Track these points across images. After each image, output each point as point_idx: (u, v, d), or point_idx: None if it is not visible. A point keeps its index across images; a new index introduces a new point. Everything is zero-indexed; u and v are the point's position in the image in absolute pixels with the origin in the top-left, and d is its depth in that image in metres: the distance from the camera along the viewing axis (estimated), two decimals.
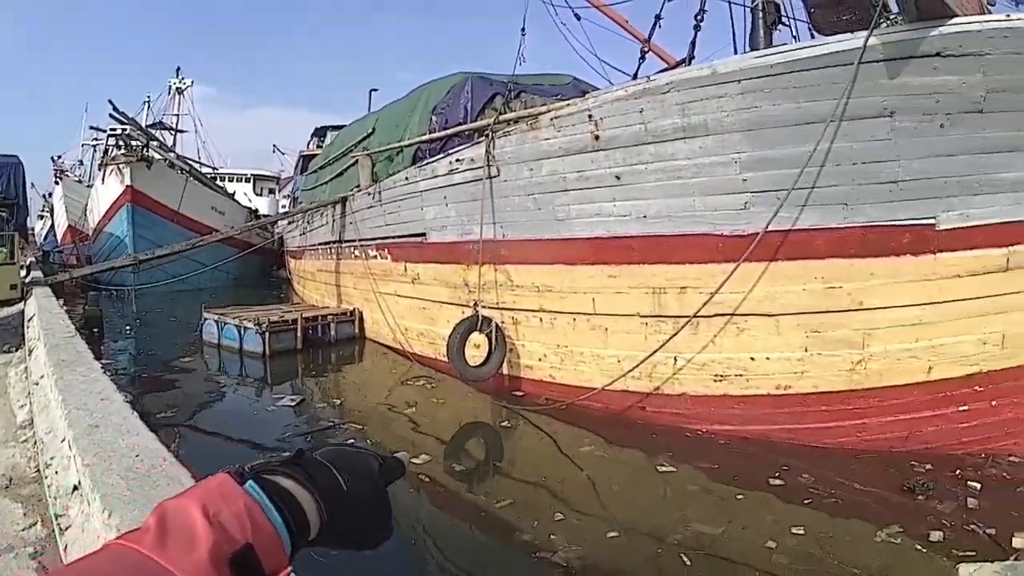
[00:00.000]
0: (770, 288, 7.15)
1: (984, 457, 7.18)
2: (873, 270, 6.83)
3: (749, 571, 5.06)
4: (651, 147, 7.40)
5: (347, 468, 0.93)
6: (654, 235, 7.64)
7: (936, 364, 6.96)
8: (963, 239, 6.62)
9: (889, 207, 6.68)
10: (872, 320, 6.96)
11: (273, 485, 0.83)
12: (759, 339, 7.37)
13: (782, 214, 6.78)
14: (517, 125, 8.76)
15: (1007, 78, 6.09)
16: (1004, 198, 6.54)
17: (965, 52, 6.02)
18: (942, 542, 5.36)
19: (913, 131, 6.38)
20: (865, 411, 7.22)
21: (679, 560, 5.13)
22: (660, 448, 7.35)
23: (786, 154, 6.73)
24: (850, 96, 6.28)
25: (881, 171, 6.59)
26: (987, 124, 6.27)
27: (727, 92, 6.79)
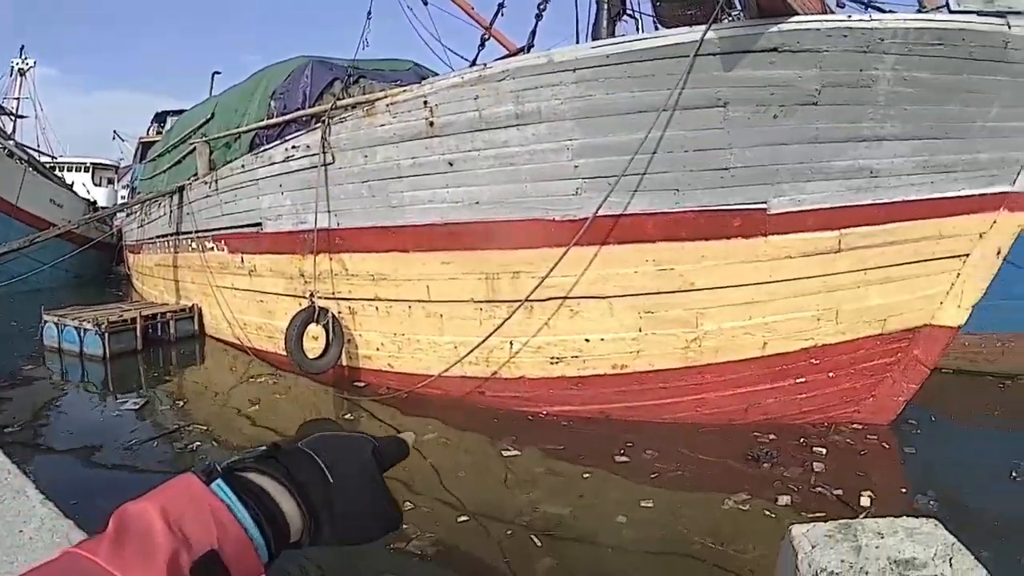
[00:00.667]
0: (602, 271, 7.27)
1: (827, 425, 7.62)
2: (704, 252, 7.03)
3: (600, 548, 5.15)
4: (485, 134, 7.39)
5: (333, 457, 0.86)
6: (487, 221, 7.64)
7: (771, 339, 7.32)
8: (794, 223, 6.92)
9: (720, 192, 6.88)
10: (705, 300, 7.21)
11: (244, 483, 0.77)
12: (593, 321, 7.51)
13: (613, 199, 6.86)
14: (354, 111, 8.57)
15: (843, 74, 6.40)
16: (836, 184, 6.87)
17: (803, 48, 6.25)
18: (791, 506, 5.58)
19: (746, 121, 6.59)
20: (703, 386, 7.52)
21: (531, 542, 5.13)
22: (503, 432, 7.41)
23: (618, 141, 6.81)
24: (684, 87, 6.40)
25: (713, 158, 6.78)
26: (821, 116, 6.57)
27: (562, 80, 6.81)
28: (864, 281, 7.20)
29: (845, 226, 6.98)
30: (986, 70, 6.64)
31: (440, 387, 8.31)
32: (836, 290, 7.21)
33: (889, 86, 6.49)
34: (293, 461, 0.82)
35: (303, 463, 0.82)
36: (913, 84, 6.53)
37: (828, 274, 7.12)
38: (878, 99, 6.53)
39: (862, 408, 7.79)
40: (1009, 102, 6.89)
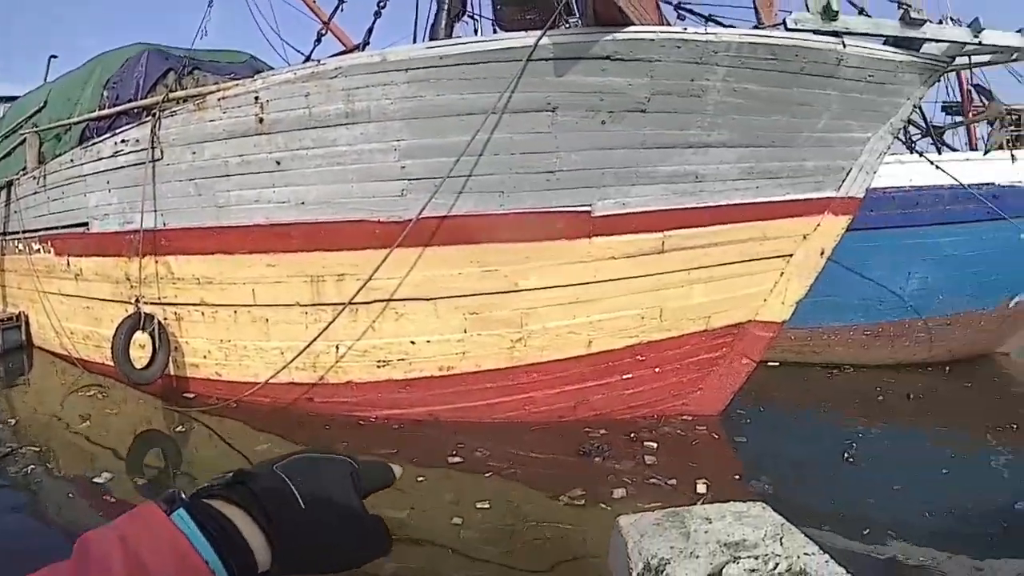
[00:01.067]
0: (427, 272, 7.22)
1: (656, 419, 7.89)
2: (528, 253, 7.12)
3: (439, 550, 5.20)
4: (314, 132, 7.26)
5: (307, 480, 0.82)
6: (313, 222, 7.51)
7: (596, 338, 7.49)
8: (619, 225, 7.09)
9: (546, 195, 6.97)
10: (530, 300, 7.30)
11: (207, 512, 0.73)
12: (419, 323, 7.50)
13: (438, 200, 6.84)
14: (185, 104, 8.23)
15: (673, 83, 6.55)
16: (661, 188, 7.08)
17: (636, 57, 6.37)
18: (626, 498, 5.71)
19: (574, 125, 6.67)
20: (530, 385, 7.63)
21: None
22: (335, 439, 7.38)
23: (446, 143, 6.80)
24: (515, 90, 6.42)
25: (539, 161, 6.84)
26: (648, 122, 6.72)
27: (394, 80, 6.76)
28: (688, 280, 7.43)
29: (669, 228, 7.17)
30: (817, 84, 6.96)
31: (268, 395, 8.04)
32: (660, 289, 7.39)
33: (719, 96, 6.71)
34: (262, 486, 0.79)
35: (273, 488, 0.79)
36: (743, 95, 6.77)
37: (652, 274, 7.30)
38: (707, 108, 6.74)
39: (690, 401, 8.08)
40: (837, 114, 7.27)
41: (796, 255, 7.85)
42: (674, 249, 7.27)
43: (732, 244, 7.47)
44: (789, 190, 7.56)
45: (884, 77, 7.33)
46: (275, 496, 0.78)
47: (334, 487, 0.84)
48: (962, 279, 13.89)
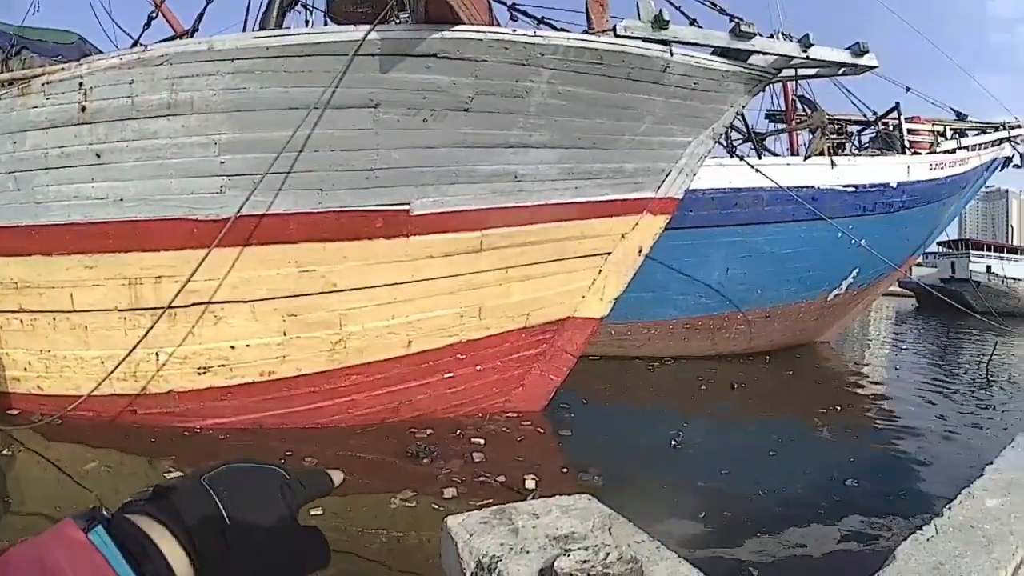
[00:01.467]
0: (245, 274, 7.01)
1: (481, 416, 7.97)
2: (346, 253, 7.05)
3: None
4: (135, 123, 6.86)
5: (234, 492, 0.78)
6: (130, 220, 7.07)
7: (416, 337, 7.50)
8: (437, 223, 7.16)
9: (364, 193, 6.94)
10: (348, 301, 7.22)
11: (127, 530, 0.70)
12: (238, 326, 7.26)
13: (257, 198, 6.65)
14: (9, 88, 7.57)
15: (497, 83, 6.67)
16: (479, 188, 7.19)
17: (462, 56, 6.44)
18: (457, 497, 5.70)
19: (396, 123, 6.67)
20: (352, 388, 7.54)
21: None
22: (162, 453, 6.89)
23: (266, 138, 6.63)
24: (339, 86, 6.35)
25: (359, 159, 6.80)
26: (470, 122, 6.81)
27: (219, 70, 6.53)
28: (507, 279, 7.54)
29: (487, 227, 7.29)
30: (642, 90, 7.19)
31: (92, 408, 7.41)
32: (479, 288, 7.50)
33: (543, 98, 6.83)
34: (185, 500, 0.75)
35: (197, 501, 0.75)
36: (567, 97, 6.92)
37: (470, 272, 7.39)
38: (529, 109, 6.86)
39: (513, 398, 8.19)
40: (660, 119, 7.54)
41: (614, 253, 8.05)
42: (492, 248, 7.38)
43: (550, 243, 7.60)
44: (608, 190, 7.75)
45: (709, 85, 7.61)
46: (198, 511, 0.74)
47: (263, 499, 0.81)
48: (781, 275, 14.73)
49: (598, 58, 6.79)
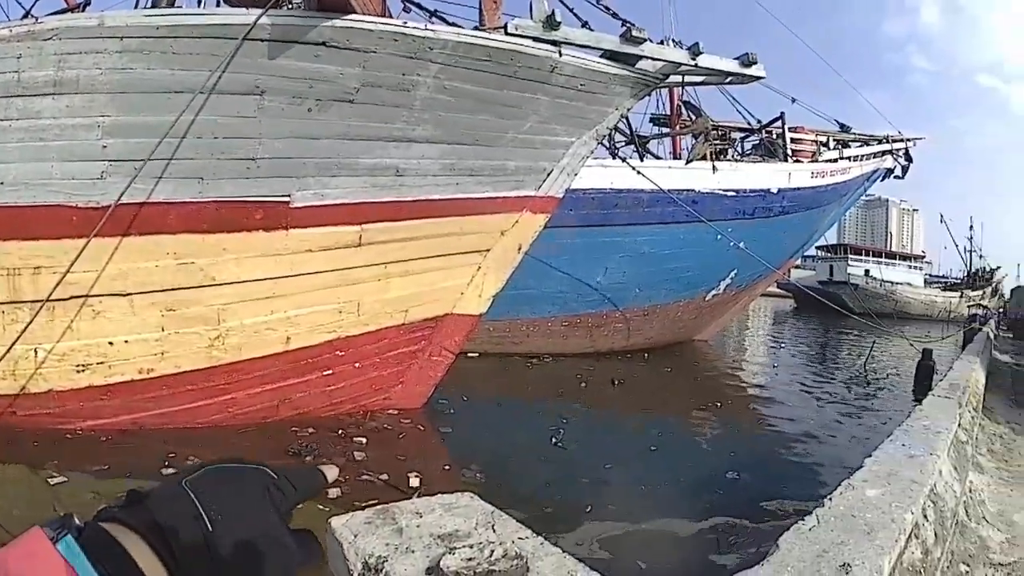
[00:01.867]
0: (123, 265, 6.78)
1: (362, 414, 7.98)
2: (225, 245, 6.91)
3: None
4: (20, 101, 6.51)
5: (215, 495, 0.75)
6: (10, 206, 6.69)
7: (294, 334, 7.41)
8: (317, 217, 7.10)
9: (245, 183, 6.82)
10: (226, 295, 7.08)
11: (98, 539, 0.66)
12: (116, 321, 6.95)
13: (137, 186, 6.41)
14: None
15: (385, 75, 6.67)
16: (360, 181, 7.17)
17: (351, 46, 6.44)
18: (341, 497, 5.58)
19: (280, 112, 6.61)
20: (231, 386, 7.38)
21: None
22: (45, 457, 6.56)
23: (150, 122, 6.43)
24: (226, 70, 6.24)
25: (241, 147, 6.70)
26: (355, 113, 6.80)
27: (107, 48, 6.29)
28: (385, 274, 7.56)
29: (367, 221, 7.29)
30: (529, 89, 7.33)
31: None
32: (357, 283, 7.49)
33: (428, 92, 6.90)
34: (162, 505, 0.71)
35: (175, 507, 0.71)
36: (452, 93, 7.01)
37: (349, 267, 7.39)
38: (414, 103, 6.91)
39: (392, 395, 8.22)
40: (545, 118, 7.69)
41: (494, 250, 8.17)
42: (371, 243, 7.40)
43: (430, 239, 7.64)
44: (489, 187, 7.85)
45: (595, 87, 7.81)
46: (176, 517, 0.70)
47: (249, 502, 0.77)
48: (659, 274, 15.30)
49: (487, 55, 6.90)
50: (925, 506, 3.37)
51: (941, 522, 3.62)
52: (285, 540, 0.79)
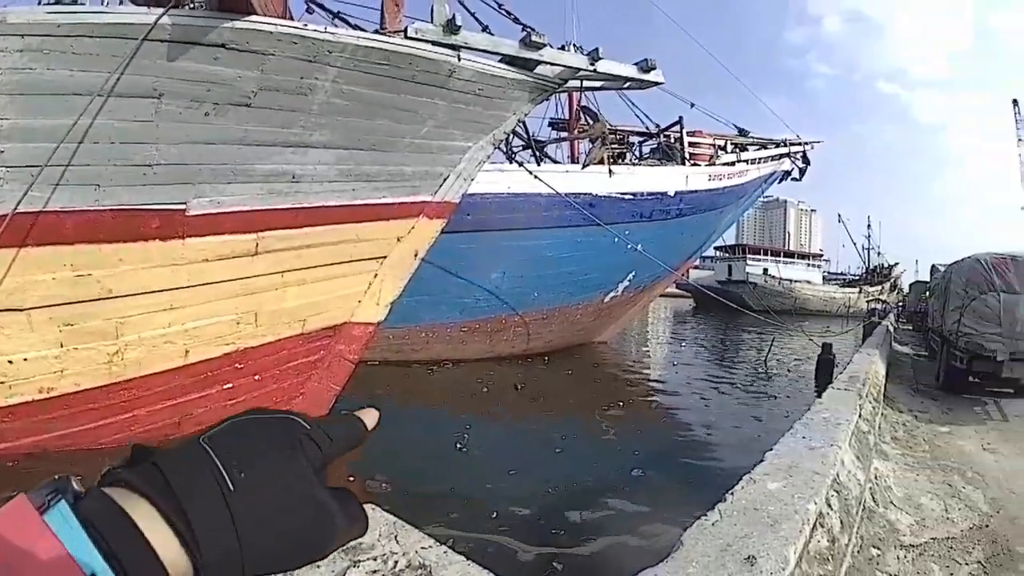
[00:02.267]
0: (21, 278, 6.39)
1: None
2: (122, 255, 6.65)
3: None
4: None
5: (240, 452, 0.65)
6: None
7: (193, 347, 7.22)
8: (213, 225, 6.96)
9: (142, 191, 6.63)
10: (124, 308, 6.82)
11: (99, 506, 0.57)
12: (14, 338, 6.54)
13: (35, 193, 6.17)
14: None
15: (283, 79, 6.60)
16: (257, 187, 7.06)
17: (251, 49, 6.36)
18: None
19: (178, 116, 6.45)
20: (132, 403, 7.09)
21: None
22: None
23: (48, 126, 6.14)
24: (125, 72, 6.05)
25: (138, 153, 6.47)
26: (252, 118, 6.70)
27: (8, 47, 5.95)
28: (282, 283, 7.46)
29: (263, 229, 7.19)
30: (426, 93, 7.39)
31: None
32: (254, 293, 7.37)
33: (326, 96, 6.89)
34: (175, 464, 0.62)
35: (191, 465, 0.62)
36: (350, 97, 7.01)
37: (246, 277, 7.25)
38: (312, 108, 6.89)
39: (294, 407, 7.40)
40: (442, 123, 7.77)
41: (390, 257, 8.18)
42: (268, 251, 7.29)
43: (327, 246, 7.58)
44: (386, 193, 7.87)
45: (493, 92, 7.93)
46: (193, 477, 0.61)
47: (277, 457, 0.67)
48: (558, 278, 15.64)
49: (385, 59, 6.93)
50: (829, 496, 3.51)
51: (846, 510, 3.74)
52: (323, 500, 0.69)
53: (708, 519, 2.69)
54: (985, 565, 4.37)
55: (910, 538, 4.72)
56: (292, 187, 7.24)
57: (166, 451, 0.64)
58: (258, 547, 0.62)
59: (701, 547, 2.40)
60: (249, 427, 0.70)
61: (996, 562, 4.44)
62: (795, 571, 2.54)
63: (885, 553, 4.37)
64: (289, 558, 0.66)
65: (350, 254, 7.84)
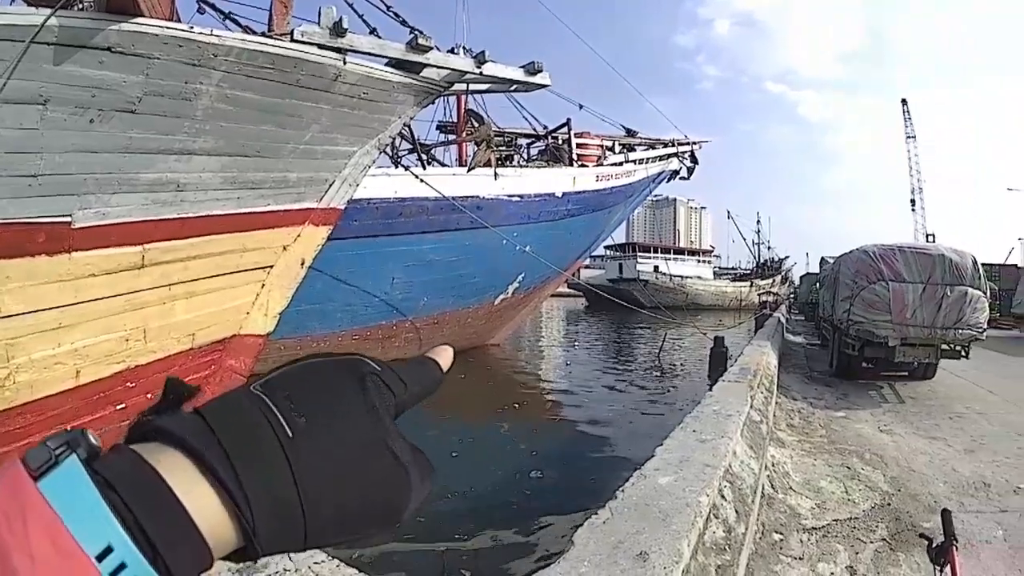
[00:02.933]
0: None
1: None
2: (9, 272, 6.37)
3: None
4: None
5: (301, 394, 0.55)
6: None
7: (84, 367, 6.98)
8: (99, 237, 6.75)
9: (27, 203, 6.36)
10: (13, 328, 6.47)
11: (121, 465, 0.47)
12: None
13: None
14: None
15: (167, 84, 6.43)
16: (141, 197, 6.87)
17: (136, 52, 6.20)
18: None
19: (63, 123, 6.19)
20: (26, 429, 6.75)
21: None
22: None
23: None
24: (11, 76, 5.84)
25: (24, 163, 6.20)
26: (136, 125, 6.52)
27: None
28: (170, 296, 7.28)
29: (149, 241, 7.00)
30: (311, 97, 7.38)
31: None
32: (142, 307, 7.15)
33: (210, 101, 6.76)
34: (223, 414, 0.53)
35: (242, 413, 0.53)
36: (234, 102, 6.92)
37: (133, 291, 7.03)
38: (196, 113, 6.74)
39: None
40: (326, 128, 7.80)
41: (277, 266, 8.15)
42: (154, 263, 7.10)
43: (212, 257, 7.46)
44: (271, 200, 7.81)
45: (378, 96, 7.97)
46: (242, 425, 0.52)
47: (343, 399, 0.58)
48: (447, 281, 15.93)
49: (271, 63, 6.87)
50: (722, 487, 3.63)
51: (742, 499, 3.83)
52: (399, 451, 0.59)
53: (599, 517, 2.76)
54: (891, 542, 4.69)
55: (812, 521, 5.01)
56: (177, 196, 7.05)
57: (213, 401, 0.54)
58: (324, 507, 0.52)
59: (593, 546, 2.45)
60: (308, 370, 0.59)
61: (902, 538, 4.75)
62: (690, 564, 2.61)
63: (788, 537, 4.62)
64: (359, 523, 0.55)
65: (236, 264, 7.75)
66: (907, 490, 5.84)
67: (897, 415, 9.15)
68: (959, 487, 6.02)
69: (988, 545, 4.66)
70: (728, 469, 3.94)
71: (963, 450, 7.27)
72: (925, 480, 6.18)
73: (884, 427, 8.33)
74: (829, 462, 6.62)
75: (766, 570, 4.08)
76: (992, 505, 5.55)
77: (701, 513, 2.93)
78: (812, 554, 4.41)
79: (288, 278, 8.43)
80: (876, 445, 7.36)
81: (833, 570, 4.25)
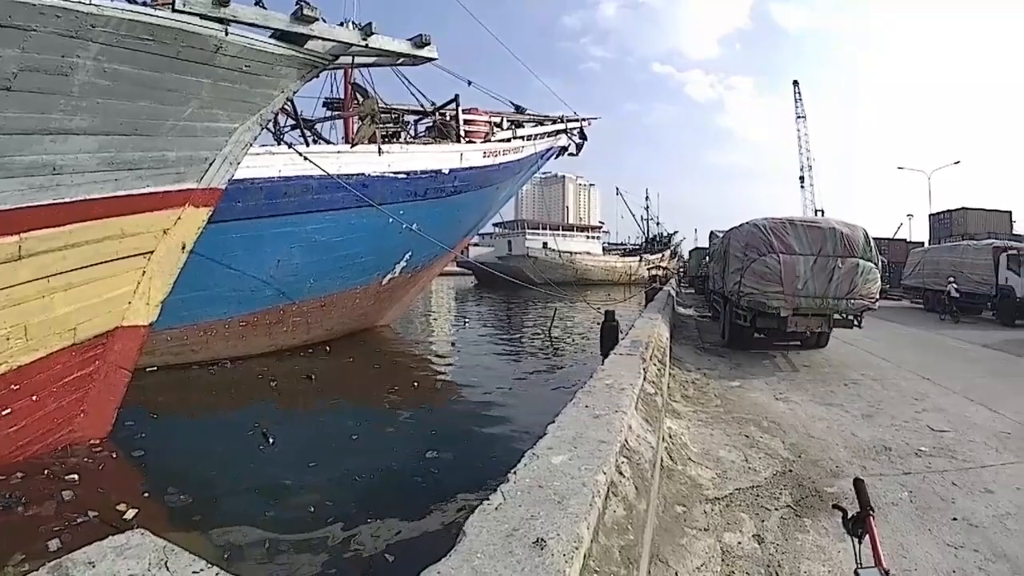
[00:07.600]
0: None
1: (64, 450, 7.49)
2: None
3: None
4: None
5: None
6: None
7: None
8: None
9: None
10: None
11: None
12: None
13: None
14: None
15: (44, 58, 6.17)
16: (17, 183, 6.57)
17: (12, 24, 5.90)
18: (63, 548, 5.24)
19: None
20: None
21: None
22: None
23: None
24: None
25: None
26: (12, 103, 6.23)
27: None
28: (49, 289, 7.01)
29: (26, 229, 6.70)
30: (191, 71, 7.25)
31: None
32: (21, 303, 6.85)
33: (87, 76, 6.51)
34: None
35: None
36: (112, 77, 6.67)
37: (11, 285, 6.72)
38: (73, 90, 6.49)
39: (76, 426, 7.70)
40: (207, 103, 7.69)
41: (157, 251, 7.98)
42: (32, 254, 6.80)
43: (90, 244, 7.22)
44: (150, 182, 7.61)
45: (260, 69, 7.88)
46: None
47: None
48: (333, 262, 15.88)
49: (150, 34, 6.67)
50: (619, 463, 3.55)
51: (641, 475, 3.74)
52: None
53: (491, 503, 2.67)
54: (796, 508, 4.83)
55: (714, 491, 5.12)
56: (53, 180, 6.83)
57: None
58: None
59: (485, 535, 2.38)
60: None
61: (807, 504, 4.90)
62: (592, 547, 2.55)
63: (691, 508, 4.70)
64: None
65: (116, 251, 7.55)
66: (808, 456, 6.02)
67: (792, 383, 9.45)
68: (859, 451, 6.22)
69: (895, 507, 4.83)
70: (624, 444, 3.88)
71: (861, 415, 7.54)
72: (825, 446, 6.39)
73: (780, 395, 8.59)
74: (727, 431, 6.78)
75: (672, 544, 4.12)
76: (895, 468, 5.75)
77: (599, 492, 2.86)
78: (717, 524, 4.50)
79: (169, 264, 8.30)
80: (773, 413, 7.58)
81: (740, 539, 4.32)
